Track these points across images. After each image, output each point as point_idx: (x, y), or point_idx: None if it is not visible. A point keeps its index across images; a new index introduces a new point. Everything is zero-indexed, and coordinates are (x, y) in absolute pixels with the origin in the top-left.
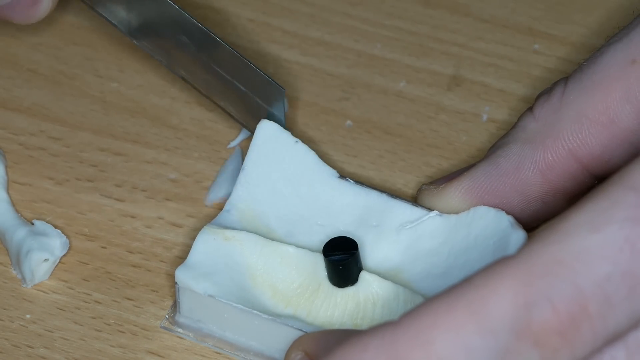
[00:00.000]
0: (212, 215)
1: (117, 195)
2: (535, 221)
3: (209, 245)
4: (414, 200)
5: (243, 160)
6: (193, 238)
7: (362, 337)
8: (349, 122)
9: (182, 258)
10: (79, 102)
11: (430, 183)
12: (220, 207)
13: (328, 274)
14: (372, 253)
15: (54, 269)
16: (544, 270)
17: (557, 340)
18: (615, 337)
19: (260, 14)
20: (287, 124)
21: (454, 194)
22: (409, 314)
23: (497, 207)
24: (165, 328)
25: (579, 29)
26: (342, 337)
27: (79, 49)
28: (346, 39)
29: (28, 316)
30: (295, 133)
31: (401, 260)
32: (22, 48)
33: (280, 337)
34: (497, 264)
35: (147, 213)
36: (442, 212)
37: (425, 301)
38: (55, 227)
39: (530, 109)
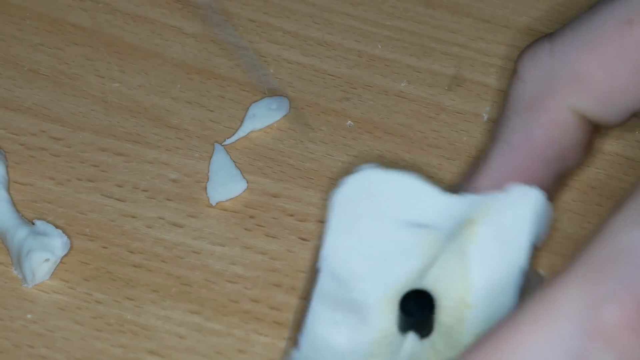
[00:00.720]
0: (213, 216)
1: (118, 195)
2: (560, 179)
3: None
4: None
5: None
6: (194, 238)
7: None
8: (349, 122)
9: (182, 258)
10: (80, 102)
11: (459, 186)
12: (224, 207)
13: (404, 327)
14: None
15: (54, 269)
16: (604, 268)
17: (630, 337)
18: None
19: (260, 14)
20: (288, 125)
21: (479, 185)
22: (481, 341)
23: (522, 181)
24: None
25: None
26: None
27: (80, 49)
28: (347, 39)
29: (29, 316)
30: (296, 133)
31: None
32: (23, 48)
33: None
34: (556, 273)
35: (148, 213)
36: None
37: (494, 325)
38: (57, 227)
39: (515, 75)
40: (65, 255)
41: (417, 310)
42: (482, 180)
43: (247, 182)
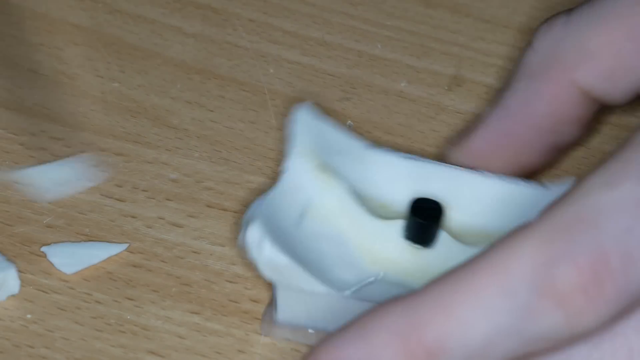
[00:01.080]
0: (213, 216)
1: (118, 196)
2: (555, 152)
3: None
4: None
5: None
6: (194, 238)
7: (386, 305)
8: (349, 122)
9: (182, 258)
10: (79, 102)
11: (452, 142)
12: (224, 207)
13: (413, 234)
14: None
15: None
16: (564, 229)
17: (581, 299)
18: (636, 297)
19: (260, 14)
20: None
21: (474, 146)
22: (433, 282)
23: (516, 149)
24: (269, 333)
25: None
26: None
27: (79, 49)
28: (347, 39)
29: (29, 316)
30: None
31: (486, 223)
32: (23, 48)
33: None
34: (518, 228)
35: (147, 213)
36: (473, 167)
37: (450, 269)
38: (57, 227)
39: (530, 44)
40: None
41: (425, 214)
42: (475, 140)
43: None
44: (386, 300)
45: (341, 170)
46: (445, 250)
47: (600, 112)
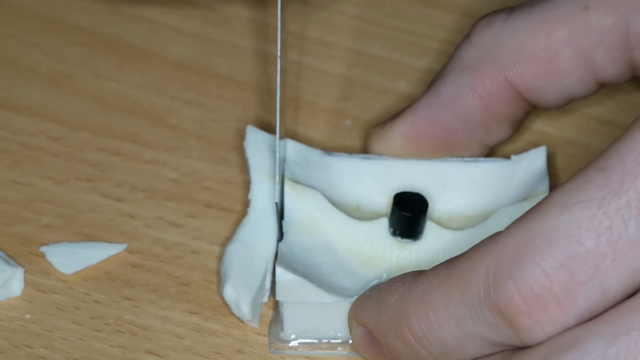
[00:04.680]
0: (212, 216)
1: (117, 195)
2: (484, 148)
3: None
4: (366, 147)
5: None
6: (193, 238)
7: (390, 290)
8: (348, 122)
9: (181, 258)
10: (78, 102)
11: (375, 126)
12: (223, 206)
13: (400, 228)
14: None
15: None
16: (513, 250)
17: (525, 320)
18: (591, 315)
19: (260, 14)
20: (288, 124)
21: (399, 130)
22: (427, 272)
23: (443, 138)
24: (279, 351)
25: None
26: (376, 296)
27: (78, 49)
28: (346, 38)
29: (27, 316)
30: (295, 133)
31: (464, 207)
32: (22, 48)
33: None
34: (485, 240)
35: (146, 213)
36: (389, 154)
37: (440, 264)
38: (56, 227)
39: (468, 36)
40: None
41: (410, 207)
42: (400, 123)
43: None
44: (394, 279)
45: (307, 181)
46: (434, 239)
47: (528, 112)
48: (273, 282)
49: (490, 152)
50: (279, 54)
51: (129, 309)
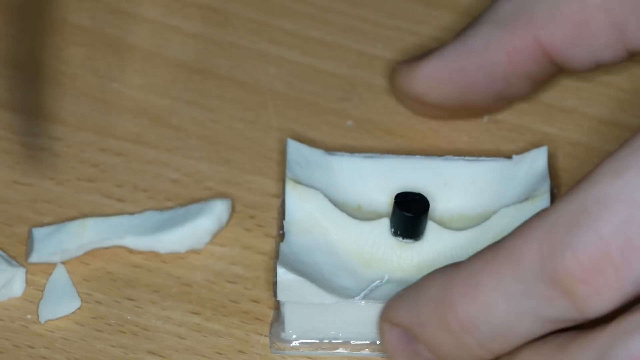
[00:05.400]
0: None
1: (118, 196)
2: (500, 101)
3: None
4: (390, 82)
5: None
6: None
7: (431, 277)
8: (350, 122)
9: (182, 258)
10: (79, 103)
11: (402, 62)
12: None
13: (401, 228)
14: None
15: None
16: (568, 220)
17: (583, 288)
18: None
19: (261, 14)
20: (290, 125)
21: (423, 71)
22: (464, 263)
23: (463, 85)
24: (280, 351)
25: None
26: (413, 292)
27: (79, 50)
28: (347, 39)
29: (29, 316)
30: (297, 134)
31: (465, 206)
32: (24, 48)
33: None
34: (533, 216)
35: None
36: (414, 94)
37: (483, 249)
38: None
39: None
40: None
41: (412, 207)
42: (427, 66)
43: (81, 301)
44: (432, 273)
45: (308, 181)
46: (435, 240)
47: (554, 74)
48: (274, 282)
49: (492, 153)
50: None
51: (131, 309)
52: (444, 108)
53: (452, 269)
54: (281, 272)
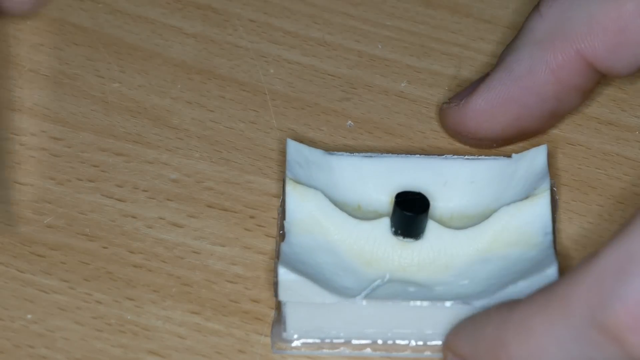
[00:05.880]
0: (213, 216)
1: (118, 196)
2: (553, 118)
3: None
4: (440, 123)
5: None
6: (194, 238)
7: (485, 316)
8: (350, 122)
9: (182, 258)
10: (80, 103)
11: (449, 101)
12: (224, 207)
13: (401, 227)
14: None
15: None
16: (616, 267)
17: (633, 336)
18: None
19: (261, 15)
20: (290, 125)
21: (474, 106)
22: (518, 304)
23: (516, 112)
24: (282, 351)
25: None
26: (471, 326)
27: (80, 50)
28: (347, 39)
29: (29, 316)
30: (297, 134)
31: (465, 205)
32: (24, 48)
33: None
34: (582, 261)
35: (148, 213)
36: (468, 132)
37: (536, 292)
38: (57, 227)
39: (537, 8)
40: (65, 256)
41: (412, 207)
42: (477, 100)
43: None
44: (489, 310)
45: (308, 181)
46: (435, 239)
47: (600, 81)
48: (275, 283)
49: (492, 152)
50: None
51: (131, 309)
52: (500, 138)
53: (506, 309)
54: (282, 272)
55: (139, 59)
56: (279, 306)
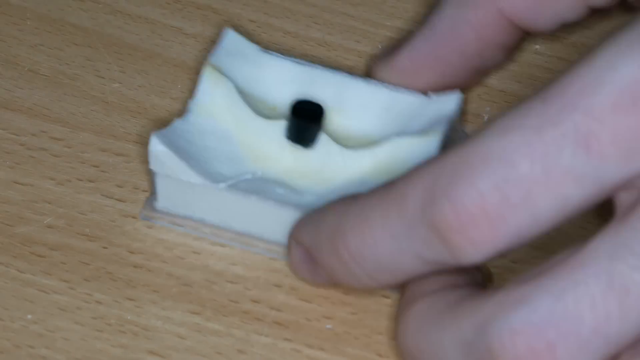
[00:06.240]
0: None
1: (119, 196)
2: (477, 75)
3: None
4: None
5: None
6: (194, 238)
7: (331, 207)
8: None
9: (182, 258)
10: (80, 103)
11: (377, 58)
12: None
13: (292, 134)
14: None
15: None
16: (451, 170)
17: (458, 237)
18: (520, 239)
19: (261, 15)
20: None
21: (398, 64)
22: (365, 193)
23: (440, 70)
24: (147, 218)
25: (580, 30)
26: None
27: (80, 50)
28: (347, 39)
29: (29, 316)
30: None
31: (369, 129)
32: (23, 49)
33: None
34: (424, 161)
35: None
36: (399, 84)
37: (379, 186)
38: (57, 227)
39: None
40: (65, 256)
41: (305, 114)
42: (401, 58)
43: None
44: (335, 201)
45: (233, 71)
46: (324, 152)
47: (523, 38)
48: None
49: None
50: None
51: (131, 309)
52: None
53: (350, 200)
54: (154, 142)
55: (139, 59)
56: (152, 179)
